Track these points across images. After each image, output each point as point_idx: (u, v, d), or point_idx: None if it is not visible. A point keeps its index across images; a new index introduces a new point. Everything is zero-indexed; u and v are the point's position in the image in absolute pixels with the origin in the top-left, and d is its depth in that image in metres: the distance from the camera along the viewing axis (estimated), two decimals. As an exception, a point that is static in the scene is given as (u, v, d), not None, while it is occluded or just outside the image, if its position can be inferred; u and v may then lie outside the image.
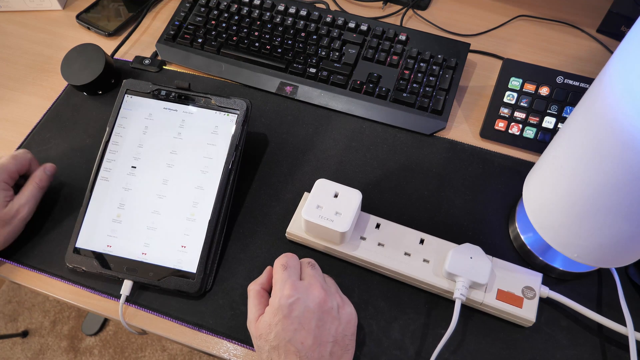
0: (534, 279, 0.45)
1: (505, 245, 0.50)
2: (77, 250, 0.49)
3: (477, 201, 0.53)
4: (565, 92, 0.58)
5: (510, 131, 0.57)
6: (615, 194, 0.34)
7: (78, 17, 0.71)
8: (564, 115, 0.57)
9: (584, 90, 0.58)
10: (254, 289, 0.43)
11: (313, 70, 0.62)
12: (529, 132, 0.57)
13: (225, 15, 0.67)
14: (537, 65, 0.60)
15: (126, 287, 0.47)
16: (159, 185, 0.50)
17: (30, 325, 1.34)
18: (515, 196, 0.53)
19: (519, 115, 0.58)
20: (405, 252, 0.47)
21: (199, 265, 0.48)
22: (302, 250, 0.50)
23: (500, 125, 0.58)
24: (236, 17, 0.66)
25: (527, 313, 0.44)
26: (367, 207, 0.52)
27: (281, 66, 0.63)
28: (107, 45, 0.68)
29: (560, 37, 0.68)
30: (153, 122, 0.52)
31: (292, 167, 0.56)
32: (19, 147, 0.59)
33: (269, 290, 0.44)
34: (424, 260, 0.47)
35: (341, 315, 0.41)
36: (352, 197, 0.47)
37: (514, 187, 0.54)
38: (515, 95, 0.59)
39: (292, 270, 0.42)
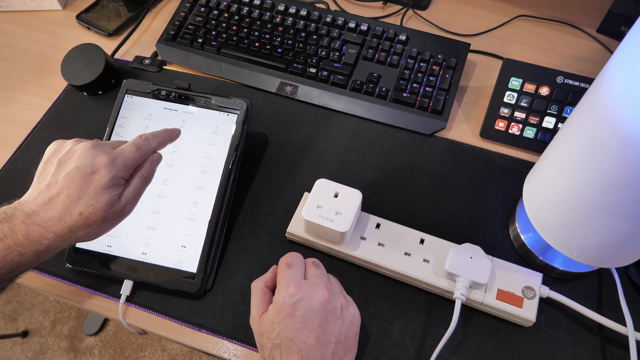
0: (534, 278, 0.45)
1: (505, 245, 0.50)
2: (77, 250, 0.49)
3: (477, 201, 0.53)
4: (565, 92, 0.58)
5: (510, 131, 0.57)
6: (615, 194, 0.34)
7: (78, 17, 0.71)
8: (564, 115, 0.57)
9: (584, 90, 0.58)
10: (257, 286, 0.43)
11: (313, 70, 0.62)
12: (529, 132, 0.57)
13: (225, 15, 0.67)
14: (537, 65, 0.60)
15: (126, 287, 0.47)
16: (159, 185, 0.50)
17: (30, 325, 1.34)
18: (515, 196, 0.53)
19: (519, 115, 0.58)
20: (405, 252, 0.47)
21: (199, 265, 0.48)
22: (302, 250, 0.50)
23: (500, 125, 0.58)
24: (236, 17, 0.66)
25: (527, 313, 0.44)
26: (367, 207, 0.52)
27: (281, 66, 0.63)
28: (107, 45, 0.68)
29: (560, 37, 0.68)
30: (153, 122, 0.52)
31: (292, 167, 0.56)
32: (19, 147, 0.59)
33: (272, 289, 0.44)
34: (424, 260, 0.47)
35: (344, 316, 0.41)
36: (352, 197, 0.47)
37: (514, 187, 0.54)
38: (515, 95, 0.59)
39: (297, 269, 0.42)
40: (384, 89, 0.60)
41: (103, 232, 0.41)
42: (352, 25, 0.65)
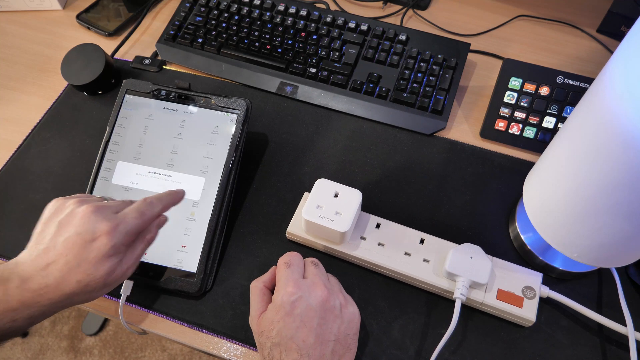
0: (534, 278, 0.45)
1: (505, 245, 0.50)
2: (77, 250, 0.49)
3: (477, 201, 0.53)
4: (565, 92, 0.58)
5: (510, 131, 0.57)
6: (615, 194, 0.34)
7: (78, 17, 0.71)
8: (564, 115, 0.57)
9: (584, 90, 0.58)
10: (256, 286, 0.43)
11: (313, 70, 0.62)
12: (529, 132, 0.57)
13: (225, 15, 0.67)
14: (537, 65, 0.60)
15: (126, 287, 0.47)
16: (160, 184, 0.50)
17: (30, 325, 1.34)
18: (515, 196, 0.53)
19: (519, 115, 0.58)
20: (405, 252, 0.47)
21: (199, 265, 0.48)
22: (302, 250, 0.50)
23: (501, 125, 0.58)
24: (236, 17, 0.66)
25: (527, 313, 0.44)
26: (367, 207, 0.52)
27: (281, 66, 0.63)
28: (107, 45, 0.68)
29: (560, 37, 0.68)
30: (153, 122, 0.52)
31: (292, 167, 0.56)
32: (19, 147, 0.59)
33: (271, 289, 0.44)
34: (424, 260, 0.47)
35: (343, 314, 0.41)
36: (352, 196, 0.47)
37: (514, 187, 0.54)
38: (516, 95, 0.59)
39: (296, 268, 0.42)
40: (384, 88, 0.60)
41: (101, 295, 0.40)
42: (352, 25, 0.65)
